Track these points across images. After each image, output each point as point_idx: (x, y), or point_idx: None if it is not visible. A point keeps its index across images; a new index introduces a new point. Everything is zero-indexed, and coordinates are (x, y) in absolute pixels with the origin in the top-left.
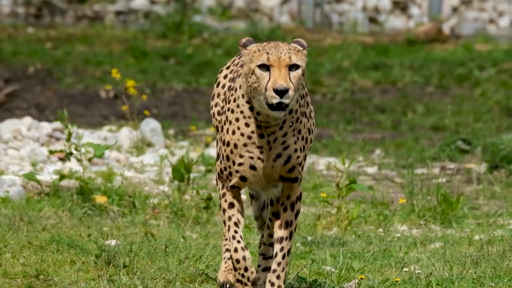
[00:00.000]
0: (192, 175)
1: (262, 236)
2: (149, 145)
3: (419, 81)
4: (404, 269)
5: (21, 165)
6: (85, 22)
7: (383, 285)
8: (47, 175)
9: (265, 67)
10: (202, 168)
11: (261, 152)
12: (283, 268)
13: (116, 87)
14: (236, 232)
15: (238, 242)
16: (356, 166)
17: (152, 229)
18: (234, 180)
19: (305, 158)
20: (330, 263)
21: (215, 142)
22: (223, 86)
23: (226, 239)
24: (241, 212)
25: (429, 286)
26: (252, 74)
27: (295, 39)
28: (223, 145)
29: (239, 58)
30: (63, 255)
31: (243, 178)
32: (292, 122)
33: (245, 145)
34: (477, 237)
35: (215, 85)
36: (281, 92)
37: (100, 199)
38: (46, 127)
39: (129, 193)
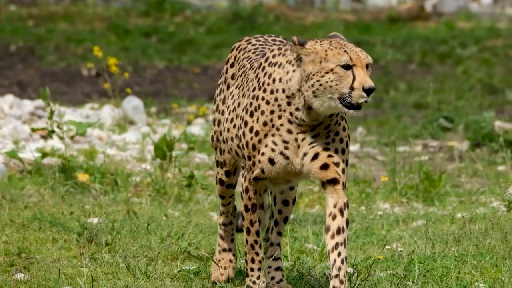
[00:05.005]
0: (174, 153)
1: (267, 240)
2: (131, 123)
3: (401, 59)
4: (386, 247)
5: (3, 143)
6: (67, 0)
7: (365, 263)
8: (29, 153)
9: (345, 66)
10: (184, 146)
11: (286, 148)
12: (344, 274)
13: (98, 65)
14: (256, 242)
15: (257, 254)
16: None
17: (134, 207)
18: (257, 171)
19: (346, 163)
20: (313, 241)
21: (197, 120)
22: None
23: (223, 239)
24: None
25: (411, 264)
26: (326, 73)
27: (333, 33)
28: (250, 132)
29: (239, 53)
30: (45, 233)
31: (262, 170)
32: (329, 124)
33: (273, 135)
34: (459, 215)
35: (225, 86)
36: (370, 91)
37: (82, 177)
38: (28, 105)
39: (111, 171)
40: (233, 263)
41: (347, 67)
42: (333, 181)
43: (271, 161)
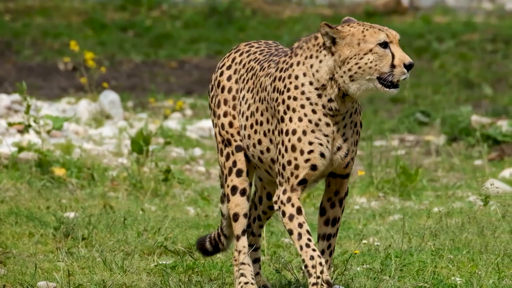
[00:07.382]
0: (151, 147)
1: (249, 226)
2: (108, 117)
3: None
4: (363, 241)
5: None
6: None
7: (342, 257)
8: (5, 148)
9: (384, 44)
10: (161, 140)
11: (328, 142)
12: (330, 266)
13: (75, 59)
14: (310, 240)
15: (314, 250)
16: None
17: (111, 201)
18: (304, 172)
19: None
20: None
21: (173, 115)
22: (230, 90)
23: (242, 263)
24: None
25: (388, 258)
26: (365, 54)
27: (347, 18)
28: (286, 135)
29: (240, 56)
30: (21, 227)
31: (314, 167)
32: (352, 113)
33: (313, 131)
34: (436, 209)
35: (219, 90)
36: (410, 67)
37: (59, 171)
38: (5, 99)
39: (88, 165)
40: None
41: (385, 45)
42: (346, 176)
43: (322, 155)
